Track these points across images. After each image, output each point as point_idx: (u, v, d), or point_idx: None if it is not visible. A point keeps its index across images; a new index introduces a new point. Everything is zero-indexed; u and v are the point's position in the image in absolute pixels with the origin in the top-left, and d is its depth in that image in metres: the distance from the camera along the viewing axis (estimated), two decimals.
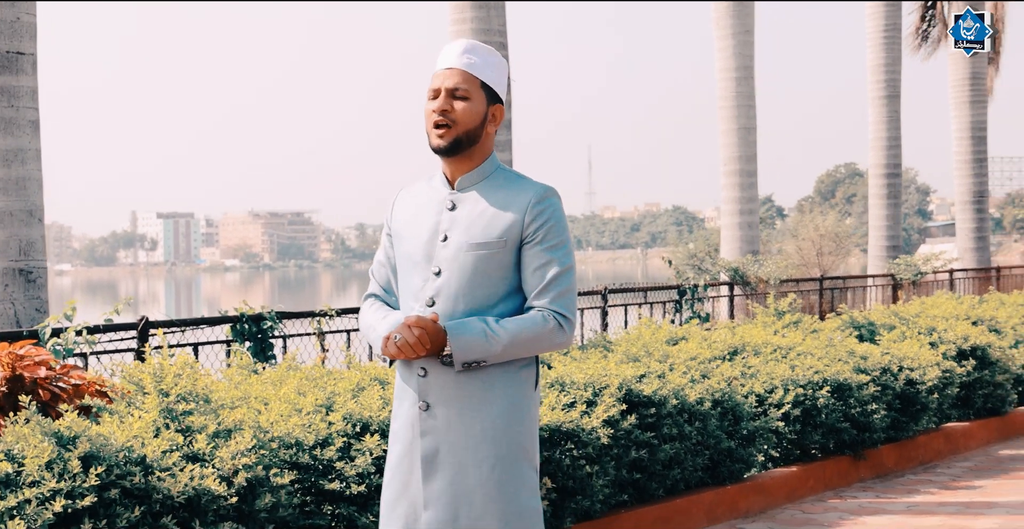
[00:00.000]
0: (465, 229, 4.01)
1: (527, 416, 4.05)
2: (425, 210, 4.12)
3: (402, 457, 4.05)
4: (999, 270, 24.89)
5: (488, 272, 3.99)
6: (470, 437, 3.96)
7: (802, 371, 9.28)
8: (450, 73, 4.03)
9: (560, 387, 7.43)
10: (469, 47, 4.07)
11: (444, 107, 3.99)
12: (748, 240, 18.39)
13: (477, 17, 13.01)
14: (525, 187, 4.04)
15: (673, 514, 7.87)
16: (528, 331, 3.94)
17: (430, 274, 4.03)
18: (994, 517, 8.30)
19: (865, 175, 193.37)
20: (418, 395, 4.01)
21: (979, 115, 26.47)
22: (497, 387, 3.98)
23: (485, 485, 3.95)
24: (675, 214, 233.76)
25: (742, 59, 18.34)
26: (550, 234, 4.00)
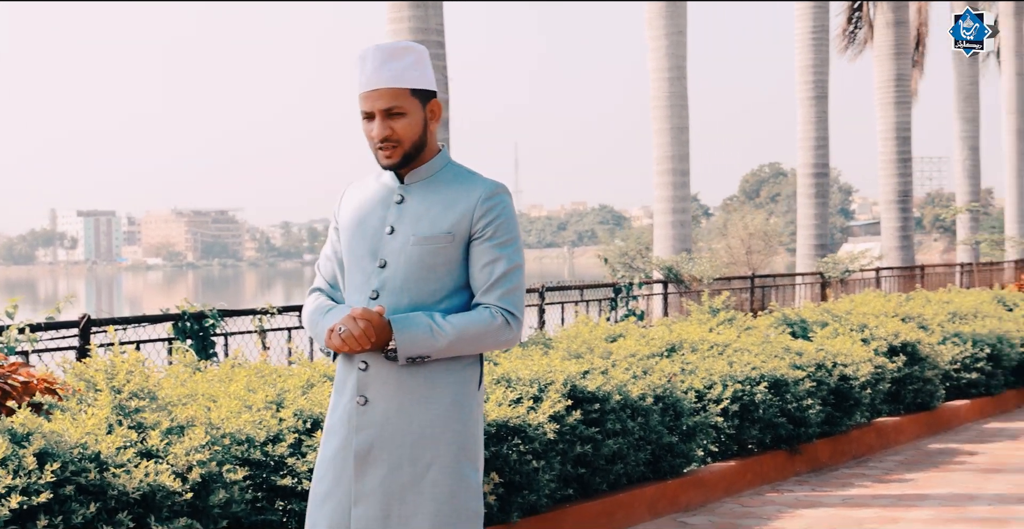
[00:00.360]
0: (413, 222, 3.96)
1: (469, 416, 3.97)
2: (373, 204, 4.06)
3: (337, 452, 3.95)
4: (923, 268, 25.24)
5: (434, 266, 3.93)
6: (407, 434, 3.88)
7: (740, 367, 9.42)
8: (377, 94, 3.92)
9: (506, 383, 7.51)
10: (385, 56, 3.93)
11: (384, 133, 3.92)
12: (681, 239, 18.56)
13: (415, 16, 13.05)
14: (475, 183, 3.99)
15: (616, 508, 7.98)
16: (474, 327, 3.88)
17: (375, 267, 3.97)
18: (926, 509, 8.48)
19: (789, 175, 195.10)
20: (357, 389, 3.92)
21: (903, 116, 26.82)
22: (439, 385, 3.91)
23: (419, 484, 3.87)
24: (602, 213, 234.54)
25: (675, 59, 18.50)
26: (499, 231, 3.95)
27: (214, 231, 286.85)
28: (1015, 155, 35.58)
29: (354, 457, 3.90)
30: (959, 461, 10.45)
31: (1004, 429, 12.34)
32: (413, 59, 3.95)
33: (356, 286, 4.02)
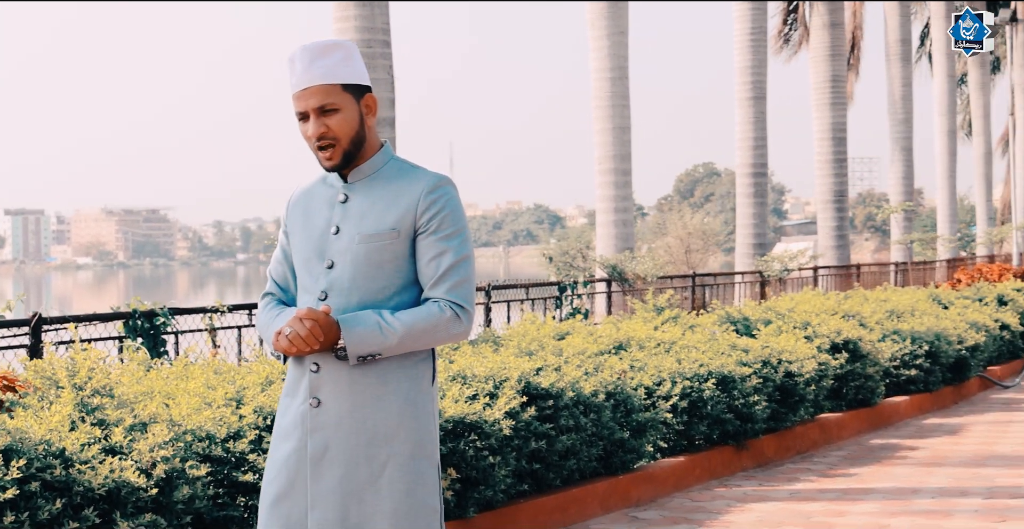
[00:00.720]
0: (357, 221, 3.92)
1: (423, 412, 3.93)
2: (318, 205, 4.03)
3: (291, 454, 3.90)
4: (859, 267, 25.55)
5: (382, 263, 3.89)
6: (362, 434, 3.84)
7: (688, 364, 9.54)
8: (308, 92, 3.88)
9: (462, 380, 7.59)
10: (313, 54, 3.90)
11: (320, 131, 3.87)
12: (623, 238, 18.68)
13: (361, 15, 13.07)
14: (418, 177, 3.95)
15: (569, 503, 8.07)
16: (423, 322, 3.83)
17: (323, 268, 3.94)
18: (871, 502, 8.62)
19: (723, 174, 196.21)
20: (309, 391, 3.88)
21: (839, 117, 27.10)
22: (392, 382, 3.87)
23: (376, 483, 3.83)
24: (537, 212, 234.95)
25: (616, 60, 18.60)
26: (445, 223, 3.90)
27: (145, 230, 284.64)
28: (946, 156, 36.04)
29: (309, 459, 3.86)
30: (900, 456, 10.63)
31: (943, 424, 12.55)
32: (342, 55, 3.92)
33: (306, 288, 4.00)
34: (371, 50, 13.11)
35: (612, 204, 18.75)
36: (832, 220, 26.97)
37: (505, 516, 7.54)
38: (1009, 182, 53.27)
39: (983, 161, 39.61)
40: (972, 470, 9.83)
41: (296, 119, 3.95)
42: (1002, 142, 53.10)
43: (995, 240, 35.66)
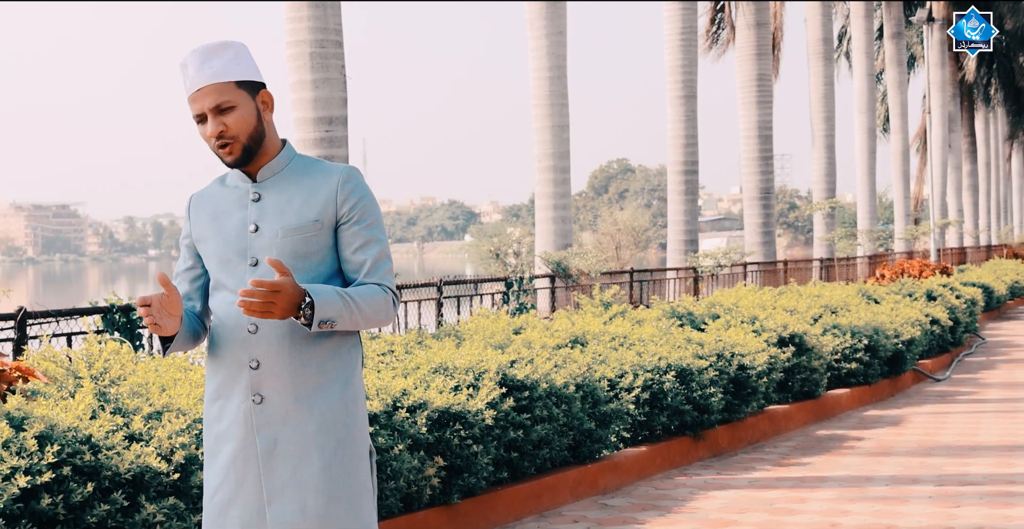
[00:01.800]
0: (277, 216, 3.93)
1: (359, 396, 3.98)
2: (227, 207, 4.01)
3: (235, 456, 3.88)
4: (786, 263, 26.07)
5: (308, 255, 3.91)
6: (309, 424, 3.85)
7: (648, 357, 9.86)
8: (202, 93, 3.89)
9: (445, 372, 7.85)
10: (202, 56, 3.91)
11: (218, 129, 3.87)
12: (562, 234, 18.97)
13: (313, 16, 13.25)
14: (329, 169, 3.98)
15: (543, 491, 8.36)
16: (371, 299, 3.86)
17: (247, 267, 3.93)
18: (828, 490, 8.99)
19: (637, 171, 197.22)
20: (250, 389, 3.87)
21: (765, 115, 27.59)
22: (331, 371, 3.90)
23: (330, 469, 3.84)
24: (451, 209, 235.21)
25: (555, 59, 18.88)
26: (365, 213, 3.96)
27: (55, 225, 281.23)
28: (866, 153, 36.67)
29: (260, 456, 3.85)
30: (848, 446, 11.02)
31: (883, 416, 12.98)
32: (232, 54, 3.94)
33: (229, 288, 3.95)
34: (324, 50, 13.30)
35: (551, 201, 19.05)
36: (759, 216, 27.45)
37: (485, 502, 7.82)
38: (921, 180, 54.31)
39: (901, 158, 40.30)
40: (919, 459, 10.23)
41: (194, 122, 3.96)
42: (915, 139, 54.12)
43: (914, 237, 36.37)
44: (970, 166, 54.02)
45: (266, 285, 3.65)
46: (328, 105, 13.37)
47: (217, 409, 3.94)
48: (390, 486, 6.88)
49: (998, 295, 28.46)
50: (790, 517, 8.07)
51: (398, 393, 7.19)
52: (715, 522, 7.97)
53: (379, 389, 7.12)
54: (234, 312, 3.91)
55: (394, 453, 6.83)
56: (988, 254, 47.33)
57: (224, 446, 3.90)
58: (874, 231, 34.73)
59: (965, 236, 51.37)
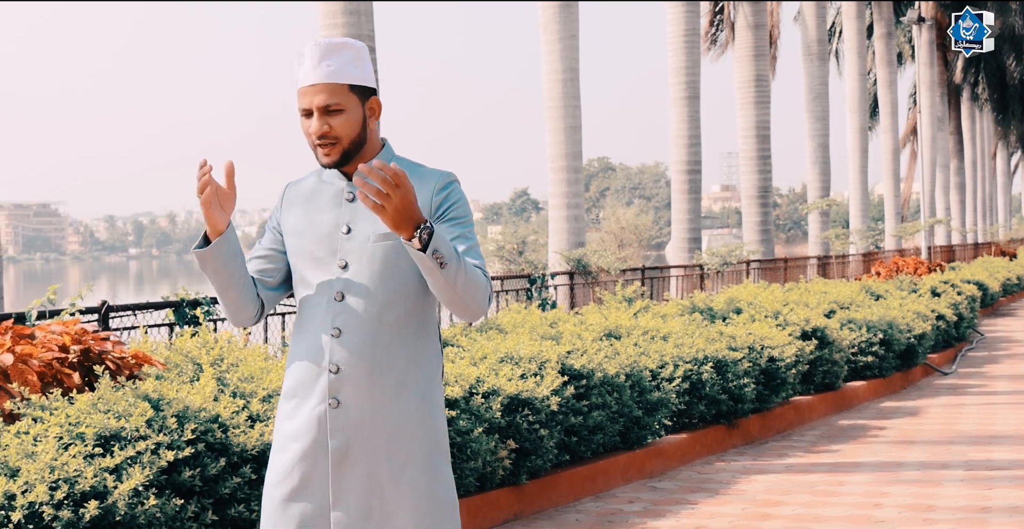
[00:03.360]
0: (371, 220, 3.83)
1: (437, 408, 3.92)
2: (320, 203, 3.94)
3: (305, 455, 3.82)
4: (786, 261, 26.57)
5: (398, 263, 3.82)
6: (382, 433, 3.80)
7: (687, 349, 10.35)
8: (315, 89, 3.81)
9: (512, 361, 8.34)
10: (324, 51, 3.83)
11: (322, 130, 3.80)
12: (575, 232, 19.45)
13: (348, 22, 13.70)
14: (428, 173, 3.91)
15: (598, 474, 8.85)
16: (475, 274, 3.67)
17: (336, 268, 3.85)
18: (864, 474, 9.49)
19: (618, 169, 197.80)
20: (328, 392, 3.80)
21: (763, 115, 28.08)
22: (410, 382, 3.84)
23: (397, 481, 3.80)
24: None
25: (568, 62, 19.35)
26: (458, 212, 3.86)
27: (36, 224, 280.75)
28: (858, 153, 37.22)
29: (331, 459, 3.80)
30: (872, 435, 11.52)
31: (900, 407, 13.49)
32: (352, 55, 3.86)
33: (315, 288, 3.89)
34: None
35: (565, 200, 19.52)
36: (757, 215, 27.95)
37: (549, 483, 8.31)
38: (910, 178, 54.97)
39: (891, 157, 40.87)
40: (944, 447, 10.74)
41: (299, 113, 3.88)
42: (904, 138, 54.75)
43: (906, 235, 36.93)
44: (957, 164, 54.67)
45: (390, 171, 3.47)
46: None
47: (292, 407, 3.89)
48: (469, 466, 7.35)
49: (992, 292, 29.03)
50: (833, 498, 8.57)
51: (473, 380, 7.66)
52: (762, 503, 8.46)
53: (457, 376, 7.59)
54: (319, 313, 3.84)
55: (473, 436, 7.30)
56: (976, 252, 47.92)
57: (292, 444, 3.85)
58: (867, 229, 35.27)
59: (953, 234, 52.00)
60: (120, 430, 5.60)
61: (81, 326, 6.49)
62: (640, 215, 32.43)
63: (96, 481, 5.27)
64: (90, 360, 6.27)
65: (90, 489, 5.25)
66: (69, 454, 5.32)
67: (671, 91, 24.47)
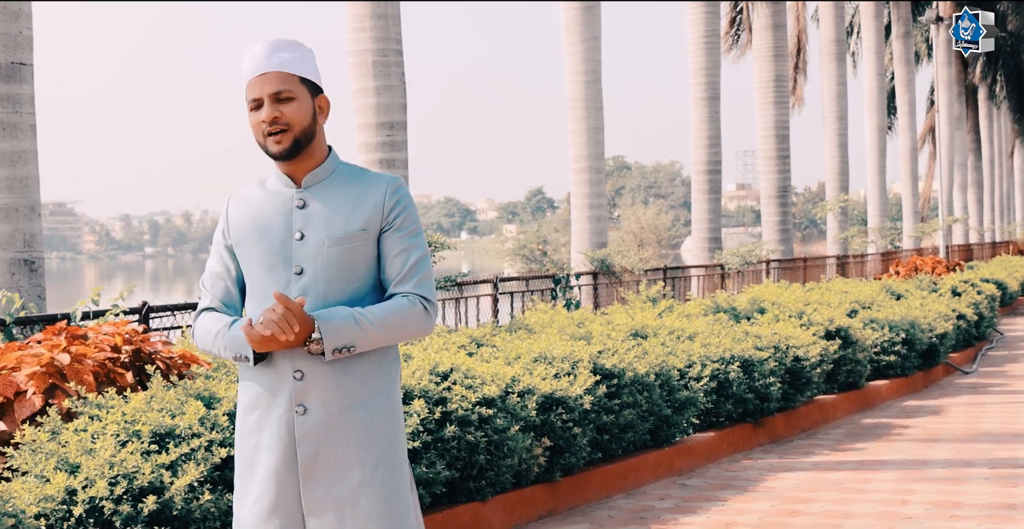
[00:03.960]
0: (323, 225, 3.88)
1: (399, 410, 3.96)
2: (270, 212, 3.95)
3: (277, 467, 3.83)
4: (806, 260, 26.70)
5: (353, 265, 3.88)
6: (351, 437, 3.82)
7: (714, 349, 10.51)
8: (266, 78, 3.87)
9: (545, 360, 8.51)
10: (274, 46, 3.92)
11: (274, 115, 3.84)
12: (597, 232, 19.62)
13: (376, 26, 13.88)
14: (375, 179, 3.96)
15: (628, 471, 9.02)
16: (396, 315, 3.83)
17: (291, 274, 3.87)
18: (890, 472, 9.64)
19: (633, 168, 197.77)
20: (294, 399, 3.81)
21: (782, 115, 28.23)
22: (373, 383, 3.87)
23: (370, 484, 3.82)
24: (447, 206, 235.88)
25: (590, 63, 19.50)
26: (407, 221, 3.93)
27: (52, 223, 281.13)
28: (876, 152, 37.30)
29: (300, 468, 3.81)
30: (896, 433, 11.67)
31: (923, 406, 13.63)
32: (301, 53, 3.95)
33: (268, 296, 3.88)
34: (386, 58, 13.92)
35: (587, 200, 19.67)
36: (776, 214, 28.10)
37: (582, 481, 8.48)
38: (930, 177, 55.02)
39: (909, 157, 40.92)
40: (968, 445, 10.89)
41: (248, 109, 3.92)
42: (921, 138, 54.79)
43: (924, 234, 36.99)
44: (974, 163, 54.71)
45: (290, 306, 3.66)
46: (389, 110, 14.00)
47: (256, 419, 3.88)
48: (505, 463, 7.52)
49: (1011, 291, 29.11)
50: (861, 495, 8.72)
51: (509, 380, 7.83)
52: (792, 499, 8.62)
53: (493, 375, 7.75)
54: None
55: (510, 433, 7.47)
56: (994, 251, 47.98)
57: (264, 457, 3.85)
58: (885, 228, 35.36)
59: (971, 233, 52.03)
60: (174, 428, 5.78)
61: (132, 327, 6.67)
62: (660, 215, 32.54)
63: (153, 477, 5.45)
64: (141, 360, 6.46)
65: (148, 485, 5.44)
66: (127, 451, 5.51)
67: (691, 92, 24.61)
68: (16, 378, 5.97)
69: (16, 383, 5.96)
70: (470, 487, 7.44)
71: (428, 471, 6.90)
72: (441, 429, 7.10)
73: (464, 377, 7.51)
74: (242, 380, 3.92)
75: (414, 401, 7.01)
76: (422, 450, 6.96)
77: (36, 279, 9.21)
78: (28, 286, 9.13)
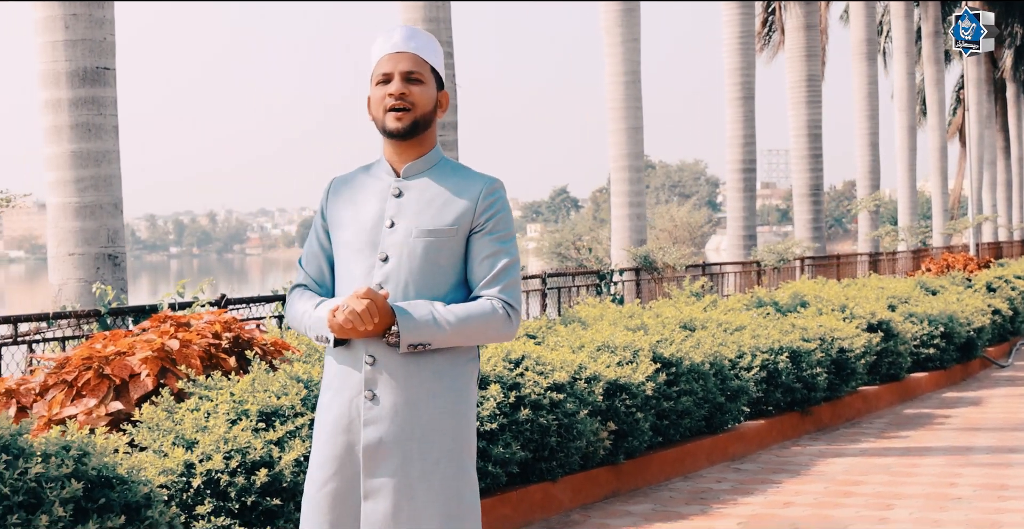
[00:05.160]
0: (414, 215, 3.92)
1: (470, 410, 3.95)
2: (366, 197, 4.01)
3: (348, 448, 3.89)
4: (839, 258, 27.05)
5: (438, 260, 3.90)
6: (416, 428, 3.84)
7: (764, 340, 10.91)
8: (401, 57, 3.94)
9: (608, 349, 8.93)
10: (413, 32, 3.99)
11: (403, 90, 3.89)
12: (637, 229, 20.04)
13: (428, 29, 14.33)
14: (474, 177, 4.00)
15: (685, 456, 9.43)
16: (476, 318, 3.85)
17: (376, 260, 3.92)
18: (936, 458, 10.02)
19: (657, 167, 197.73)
20: (364, 384, 3.85)
21: (814, 114, 28.56)
22: (445, 378, 3.88)
23: (429, 479, 3.84)
24: None
25: (630, 65, 19.91)
26: (499, 224, 3.96)
27: None
28: (906, 151, 37.60)
29: (363, 452, 3.85)
30: (938, 423, 12.04)
31: (962, 397, 14.00)
32: (435, 46, 4.04)
33: (356, 279, 3.94)
34: None
35: (627, 198, 20.08)
36: (809, 213, 28.44)
37: (643, 464, 8.90)
38: (960, 175, 55.23)
39: (939, 155, 41.20)
40: (1010, 433, 11.27)
41: (373, 83, 3.98)
42: (950, 136, 55.01)
43: (956, 231, 37.24)
44: (1004, 162, 54.90)
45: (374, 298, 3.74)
46: None
47: (328, 399, 3.95)
48: (574, 445, 7.93)
49: None
50: (909, 478, 9.12)
51: (576, 367, 8.24)
52: (843, 482, 9.01)
53: (561, 362, 8.16)
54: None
55: (579, 417, 7.88)
56: (1023, 249, 48.19)
57: (331, 438, 3.91)
58: (915, 226, 35.67)
59: (1000, 230, 52.22)
60: (279, 408, 6.22)
61: (231, 315, 7.11)
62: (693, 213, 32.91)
63: (264, 452, 5.87)
64: (239, 346, 6.89)
65: (259, 459, 5.87)
66: (238, 428, 5.93)
67: (727, 92, 24.98)
68: (130, 362, 6.41)
69: (130, 366, 6.39)
70: (541, 467, 7.86)
71: (504, 451, 7.33)
72: (516, 412, 7.52)
73: (535, 364, 7.92)
74: (326, 360, 4.02)
75: (490, 386, 7.43)
76: (498, 432, 7.38)
77: (119, 273, 9.66)
78: (112, 279, 9.58)
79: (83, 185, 9.59)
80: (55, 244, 9.64)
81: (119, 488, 4.97)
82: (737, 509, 8.17)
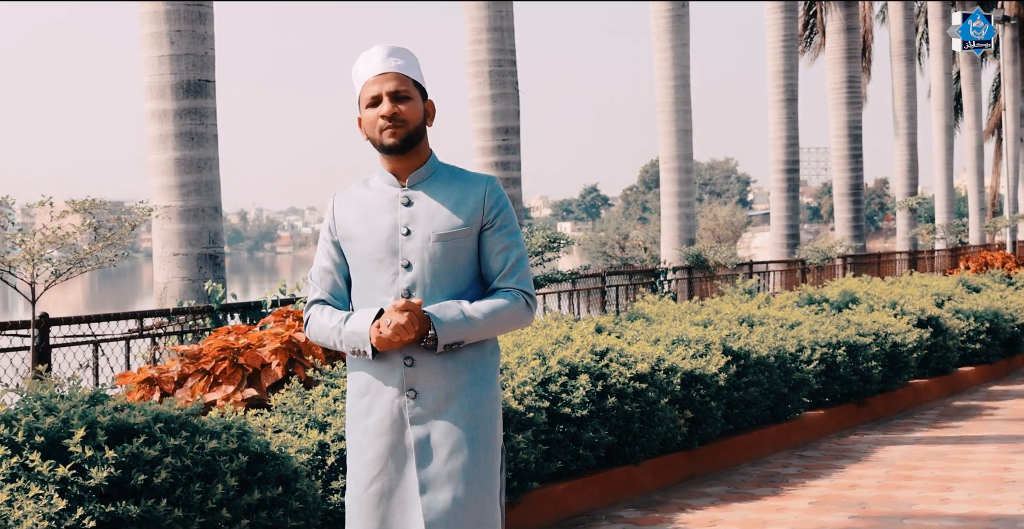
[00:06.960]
0: (428, 221, 4.13)
1: (498, 395, 4.21)
2: (376, 209, 4.20)
3: (392, 448, 4.10)
4: (879, 256, 27.57)
5: (457, 260, 4.13)
6: (460, 418, 4.07)
7: (822, 335, 11.48)
8: (386, 77, 4.13)
9: (682, 342, 9.53)
10: (391, 50, 4.18)
11: (393, 110, 4.09)
12: (686, 229, 20.65)
13: (492, 38, 14.95)
14: (474, 178, 4.23)
15: (752, 442, 10.02)
16: (503, 310, 4.12)
17: (399, 267, 4.12)
18: (989, 445, 10.58)
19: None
20: (405, 384, 4.07)
21: (854, 115, 29.11)
22: (477, 369, 4.13)
23: (478, 462, 4.07)
24: None
25: (680, 69, 20.53)
26: (506, 219, 4.21)
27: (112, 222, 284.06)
28: (943, 150, 38.07)
29: (414, 448, 4.06)
30: (987, 414, 12.59)
31: (1008, 390, 14.55)
32: (413, 59, 4.23)
33: (380, 288, 4.14)
34: (501, 69, 14.97)
35: (677, 199, 20.69)
36: (848, 212, 28.98)
37: (715, 449, 9.50)
38: (996, 173, 55.54)
39: (975, 154, 41.61)
40: None
41: (362, 107, 4.19)
42: (986, 135, 55.31)
43: (995, 229, 37.62)
44: None
45: (413, 309, 3.98)
46: (504, 117, 15.04)
47: (365, 404, 4.15)
48: (656, 431, 8.54)
49: None
50: (965, 463, 9.69)
51: (655, 359, 8.84)
52: (903, 467, 9.59)
53: (643, 355, 8.76)
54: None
55: (660, 405, 8.49)
56: None
57: (375, 440, 4.11)
58: (952, 225, 36.11)
59: None
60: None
61: None
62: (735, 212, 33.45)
63: None
64: None
65: None
66: None
67: (770, 94, 25.55)
68: (261, 353, 7.04)
69: (261, 357, 7.02)
70: (625, 452, 8.47)
71: (594, 436, 7.94)
72: (603, 400, 8.12)
73: (619, 356, 8.52)
74: (351, 370, 4.22)
75: (580, 376, 8.03)
76: (588, 418, 7.97)
77: (219, 272, 10.31)
78: (213, 278, 10.24)
79: (186, 190, 10.25)
80: (160, 245, 10.31)
81: (272, 463, 5.61)
82: (806, 491, 8.76)
